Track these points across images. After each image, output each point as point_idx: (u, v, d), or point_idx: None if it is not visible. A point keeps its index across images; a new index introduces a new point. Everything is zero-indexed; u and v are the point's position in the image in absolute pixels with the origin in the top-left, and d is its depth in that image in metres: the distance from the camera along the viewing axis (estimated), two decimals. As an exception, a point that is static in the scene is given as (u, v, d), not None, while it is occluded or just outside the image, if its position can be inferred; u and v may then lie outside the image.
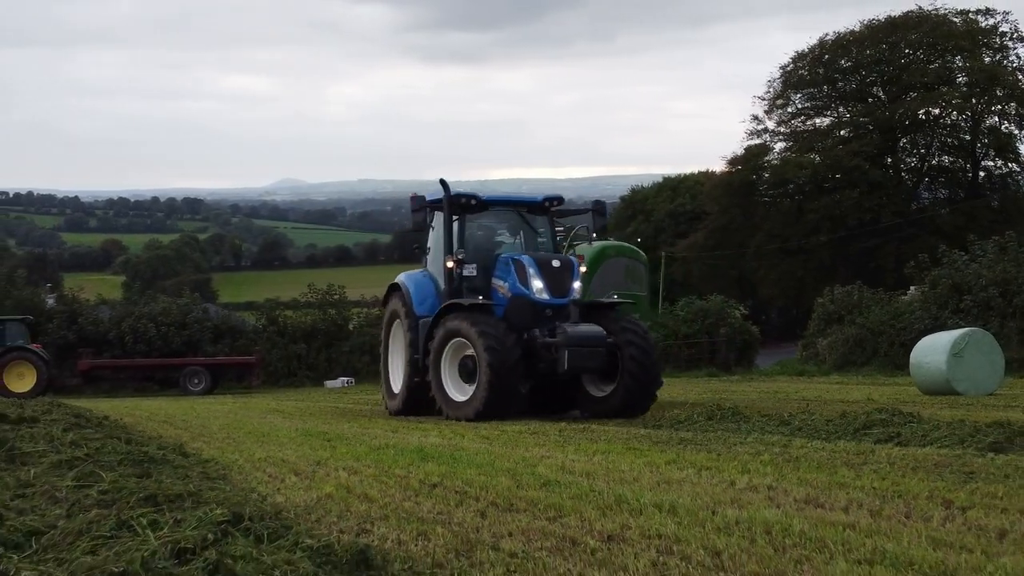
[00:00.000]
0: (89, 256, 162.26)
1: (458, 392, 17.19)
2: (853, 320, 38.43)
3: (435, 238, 19.27)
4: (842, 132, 72.27)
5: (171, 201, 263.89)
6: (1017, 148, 70.21)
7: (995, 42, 70.57)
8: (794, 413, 14.27)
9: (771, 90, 74.14)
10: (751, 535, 5.81)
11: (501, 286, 17.96)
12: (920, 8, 71.03)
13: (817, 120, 75.17)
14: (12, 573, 3.36)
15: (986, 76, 67.41)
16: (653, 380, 17.20)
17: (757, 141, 74.06)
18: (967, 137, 72.12)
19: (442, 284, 18.68)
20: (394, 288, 19.72)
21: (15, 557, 3.63)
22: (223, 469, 8.63)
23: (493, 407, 16.35)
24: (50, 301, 49.38)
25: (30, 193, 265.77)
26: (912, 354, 23.69)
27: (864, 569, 5.08)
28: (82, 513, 4.23)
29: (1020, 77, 69.25)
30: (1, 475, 5.41)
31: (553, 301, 17.48)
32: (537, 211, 19.48)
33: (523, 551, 5.45)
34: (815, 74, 73.57)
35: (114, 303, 50.36)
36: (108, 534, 3.85)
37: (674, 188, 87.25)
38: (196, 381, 40.86)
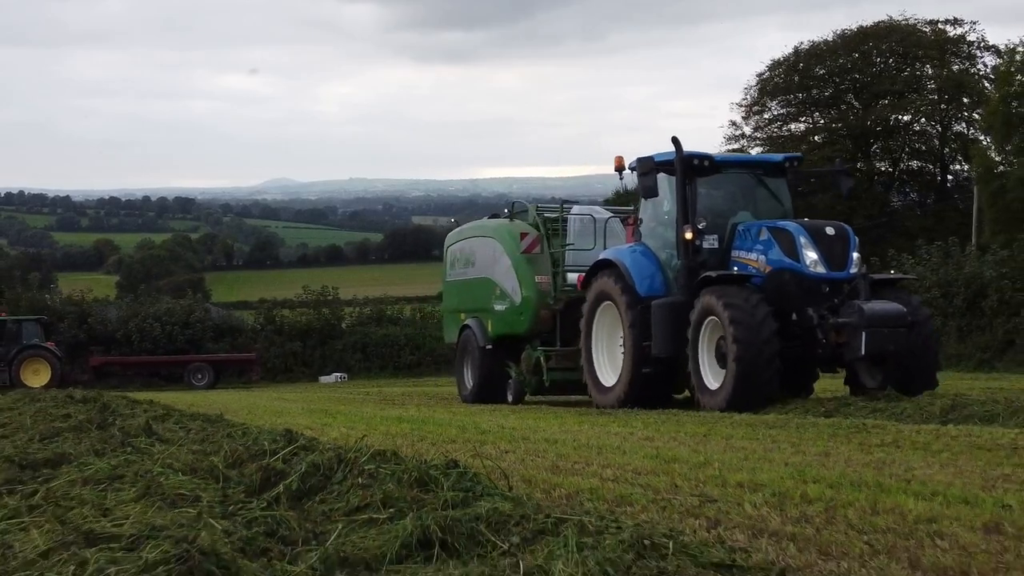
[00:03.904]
0: (82, 256, 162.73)
1: (714, 379, 15.32)
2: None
3: (654, 206, 17.50)
4: (816, 138, 74.74)
5: (162, 200, 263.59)
6: (987, 154, 73.07)
7: (963, 51, 73.08)
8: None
9: (748, 96, 76.87)
10: (588, 451, 9.09)
11: (750, 259, 16.05)
12: (891, 18, 73.92)
13: (792, 126, 77.73)
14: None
15: (954, 84, 70.05)
16: (931, 366, 15.62)
17: (735, 146, 76.75)
18: (936, 143, 74.90)
19: (664, 258, 17.01)
20: (601, 266, 17.58)
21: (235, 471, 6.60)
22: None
23: (741, 395, 14.50)
24: (53, 300, 52.16)
25: (21, 192, 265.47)
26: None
27: (637, 459, 8.32)
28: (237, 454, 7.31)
29: (986, 85, 72.04)
30: (171, 447, 8.38)
31: (831, 275, 15.48)
32: (775, 173, 17.51)
33: (449, 453, 8.56)
34: (790, 82, 76.26)
35: (120, 304, 53.27)
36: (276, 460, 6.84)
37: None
38: (200, 376, 43.81)
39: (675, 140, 16.59)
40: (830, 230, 15.80)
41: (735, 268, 15.92)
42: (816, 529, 5.29)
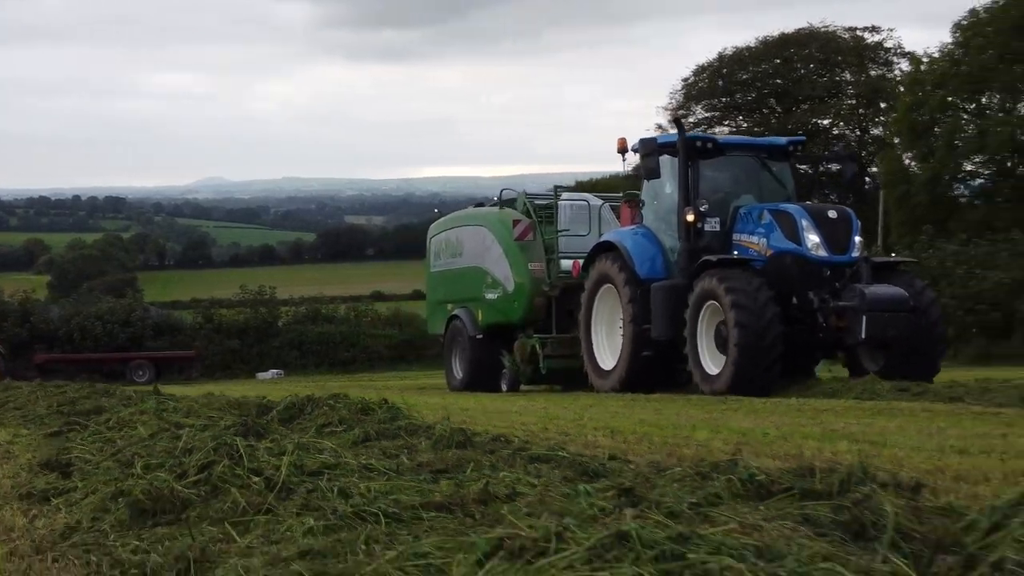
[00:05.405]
0: (12, 256, 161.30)
1: (713, 364, 15.12)
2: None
3: (656, 188, 17.23)
4: (739, 141, 77.45)
5: (92, 200, 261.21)
6: (899, 157, 76.15)
7: (881, 57, 76.12)
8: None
9: (673, 101, 79.32)
10: (493, 414, 11.25)
11: (752, 242, 15.90)
12: (811, 25, 76.87)
13: (717, 129, 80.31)
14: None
15: (871, 89, 73.04)
16: (934, 352, 15.52)
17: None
18: (855, 146, 77.81)
19: (667, 241, 16.79)
20: (603, 248, 17.41)
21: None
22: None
23: (743, 380, 14.35)
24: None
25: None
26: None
27: (527, 417, 10.37)
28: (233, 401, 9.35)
29: (902, 89, 75.04)
30: (183, 399, 10.33)
31: (833, 259, 15.31)
32: (779, 156, 17.37)
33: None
34: (714, 86, 78.82)
35: (64, 303, 54.72)
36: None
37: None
38: (141, 373, 45.29)
39: (677, 121, 16.43)
40: (832, 213, 15.73)
41: (736, 251, 15.86)
42: (628, 445, 7.35)
